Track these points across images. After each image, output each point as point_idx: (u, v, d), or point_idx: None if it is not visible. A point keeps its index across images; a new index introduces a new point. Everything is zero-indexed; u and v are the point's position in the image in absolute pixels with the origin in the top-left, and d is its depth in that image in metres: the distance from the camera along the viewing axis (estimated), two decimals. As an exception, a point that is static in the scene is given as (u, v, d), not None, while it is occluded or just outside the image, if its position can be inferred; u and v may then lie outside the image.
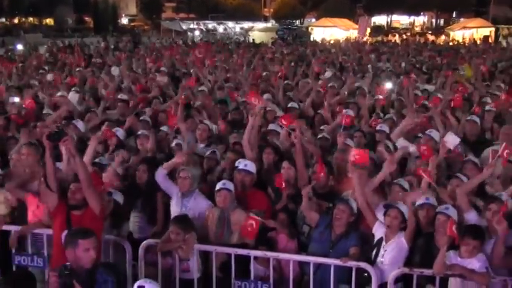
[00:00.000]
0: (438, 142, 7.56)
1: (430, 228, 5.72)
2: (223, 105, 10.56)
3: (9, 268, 6.27)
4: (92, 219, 5.48)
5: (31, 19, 68.92)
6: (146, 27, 67.18)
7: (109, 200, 6.21)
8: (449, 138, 7.02)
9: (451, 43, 38.72)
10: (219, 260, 6.04)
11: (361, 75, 15.33)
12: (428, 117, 9.09)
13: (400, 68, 17.92)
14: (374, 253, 5.79)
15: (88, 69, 16.63)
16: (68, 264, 4.54)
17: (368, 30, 50.73)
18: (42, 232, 6.17)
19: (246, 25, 59.36)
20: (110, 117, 9.76)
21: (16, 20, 67.05)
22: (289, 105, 10.27)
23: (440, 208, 5.68)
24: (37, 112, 9.99)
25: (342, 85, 13.07)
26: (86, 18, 69.04)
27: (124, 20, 73.98)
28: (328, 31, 49.28)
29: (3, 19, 65.09)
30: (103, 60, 20.52)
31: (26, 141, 7.17)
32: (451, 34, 48.49)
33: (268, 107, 9.80)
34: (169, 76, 14.36)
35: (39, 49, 28.50)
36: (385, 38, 47.06)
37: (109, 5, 65.22)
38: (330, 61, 19.74)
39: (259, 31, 49.98)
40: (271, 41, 37.98)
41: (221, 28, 60.67)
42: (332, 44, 34.98)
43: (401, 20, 71.90)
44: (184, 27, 58.90)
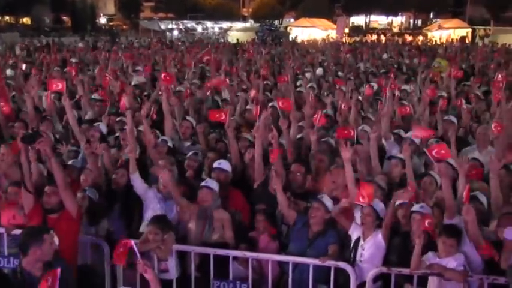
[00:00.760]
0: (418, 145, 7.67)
1: (408, 228, 5.75)
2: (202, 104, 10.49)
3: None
4: (69, 221, 5.44)
5: (7, 18, 68.00)
6: (124, 26, 66.72)
7: (83, 197, 6.15)
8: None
9: (429, 43, 39.13)
10: (198, 258, 6.02)
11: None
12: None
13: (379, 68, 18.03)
14: (352, 253, 5.81)
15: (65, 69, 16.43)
16: None
17: (346, 30, 51.04)
18: (18, 233, 6.08)
19: (225, 25, 59.29)
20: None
21: (-8, 19, 66.28)
22: (269, 105, 10.27)
23: (415, 207, 5.72)
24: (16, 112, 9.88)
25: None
26: (64, 17, 68.30)
27: (102, 20, 73.38)
28: (306, 31, 49.44)
29: (-21, 18, 64.33)
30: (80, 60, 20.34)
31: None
32: (429, 34, 49.00)
33: (248, 107, 9.85)
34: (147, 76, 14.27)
35: (15, 48, 28.13)
36: (364, 38, 47.40)
37: (87, 5, 64.62)
38: (309, 61, 19.79)
39: (238, 31, 49.95)
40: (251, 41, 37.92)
41: (200, 28, 60.54)
42: (310, 44, 35.09)
43: (379, 20, 72.44)
44: (163, 27, 58.68)
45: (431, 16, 69.34)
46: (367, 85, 12.18)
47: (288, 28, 49.58)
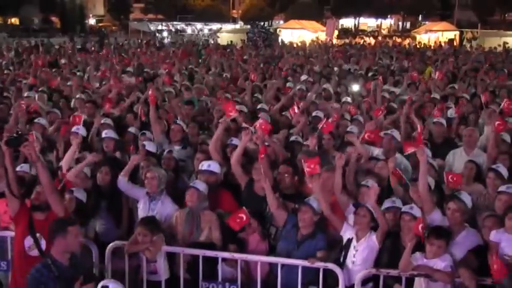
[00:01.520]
0: (400, 142, 7.71)
1: (397, 228, 5.80)
2: (190, 105, 10.51)
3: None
4: None
5: (-5, 18, 67.57)
6: (114, 27, 66.45)
7: (71, 198, 6.13)
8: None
9: (418, 46, 39.34)
10: (187, 260, 6.03)
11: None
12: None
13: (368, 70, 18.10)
14: (343, 254, 5.84)
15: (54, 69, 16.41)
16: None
17: (336, 32, 51.13)
18: (6, 235, 6.06)
19: (215, 26, 59.20)
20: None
21: (-20, 20, 65.71)
22: (258, 106, 10.31)
23: (405, 208, 5.76)
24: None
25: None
26: (53, 18, 67.87)
27: (91, 21, 73.04)
28: (296, 33, 49.51)
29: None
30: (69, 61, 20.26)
31: None
32: (417, 37, 49.27)
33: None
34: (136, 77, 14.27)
35: (3, 49, 27.94)
36: (353, 40, 47.56)
37: (76, 5, 64.28)
38: (299, 64, 19.82)
39: (227, 32, 49.90)
40: (240, 43, 37.89)
41: (189, 29, 60.39)
42: (300, 46, 35.14)
43: (368, 23, 72.67)
44: (152, 28, 58.43)
45: (419, 19, 69.71)
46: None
47: (278, 30, 49.59)
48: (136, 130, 8.64)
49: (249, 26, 41.61)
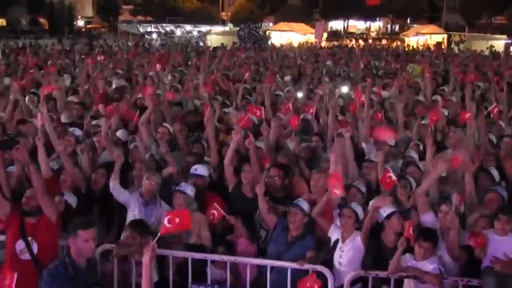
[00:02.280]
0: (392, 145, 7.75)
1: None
2: (178, 107, 10.49)
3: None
4: (48, 227, 5.36)
5: (-18, 20, 67.05)
6: (103, 29, 66.18)
7: (60, 201, 6.09)
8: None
9: (406, 48, 39.56)
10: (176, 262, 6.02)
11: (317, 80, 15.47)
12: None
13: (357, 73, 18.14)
14: (331, 255, 5.86)
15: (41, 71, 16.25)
16: None
17: (325, 35, 51.30)
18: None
19: (204, 28, 59.17)
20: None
21: (-34, 21, 65.17)
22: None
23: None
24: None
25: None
26: (41, 19, 67.43)
27: (80, 22, 72.70)
28: (285, 35, 49.64)
29: (-47, 19, 63.21)
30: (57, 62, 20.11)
31: None
32: (406, 40, 49.57)
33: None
34: (125, 79, 14.21)
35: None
36: (343, 42, 47.78)
37: (65, 7, 63.95)
38: (288, 65, 19.84)
39: (217, 35, 49.91)
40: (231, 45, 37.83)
41: (179, 31, 60.31)
42: (289, 49, 35.19)
43: (357, 25, 72.99)
44: (141, 30, 58.31)
45: (408, 21, 70.12)
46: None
47: (267, 32, 49.67)
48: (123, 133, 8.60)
49: (241, 25, 41.41)
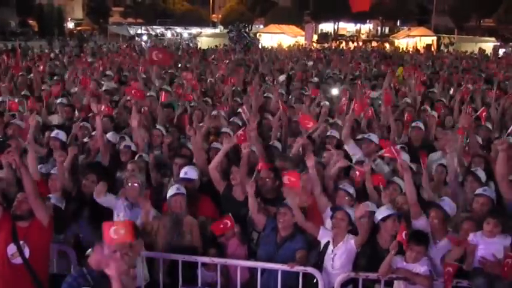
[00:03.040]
0: (378, 144, 7.76)
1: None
2: (169, 109, 10.47)
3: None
4: (40, 230, 5.33)
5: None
6: (93, 31, 65.97)
7: (48, 205, 6.06)
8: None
9: (396, 50, 39.79)
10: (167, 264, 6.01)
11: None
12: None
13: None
14: (322, 258, 5.85)
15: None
16: None
17: (315, 37, 51.43)
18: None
19: (194, 31, 59.18)
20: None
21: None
22: (238, 110, 10.31)
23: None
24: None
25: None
26: (30, 21, 67.09)
27: (70, 24, 72.40)
28: (276, 37, 49.76)
29: None
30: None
31: None
32: (396, 42, 49.85)
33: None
34: (115, 81, 14.18)
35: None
36: (334, 44, 47.96)
37: (54, 9, 63.70)
38: (279, 68, 19.87)
39: (207, 37, 49.93)
40: (222, 47, 37.84)
41: (169, 33, 60.27)
42: (279, 51, 35.27)
43: (347, 27, 73.25)
44: (131, 32, 58.24)
45: (398, 24, 70.49)
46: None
47: (258, 34, 49.75)
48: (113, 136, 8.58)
49: (229, 27, 41.40)
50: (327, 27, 70.34)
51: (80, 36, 48.83)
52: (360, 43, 53.90)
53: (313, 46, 44.34)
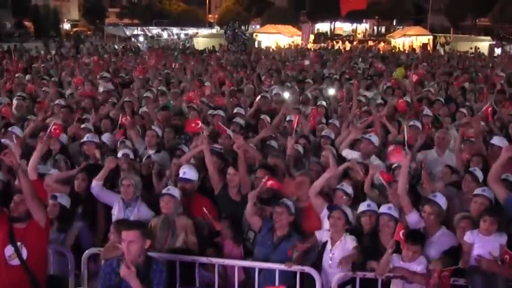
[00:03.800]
0: (377, 146, 7.78)
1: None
2: (166, 110, 10.47)
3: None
4: (37, 231, 5.32)
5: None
6: (89, 32, 65.88)
7: (54, 204, 6.08)
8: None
9: (392, 50, 39.84)
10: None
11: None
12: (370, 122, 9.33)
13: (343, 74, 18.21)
14: (320, 257, 5.86)
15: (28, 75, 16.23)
16: None
17: (312, 37, 51.45)
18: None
19: (191, 31, 59.15)
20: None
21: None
22: (235, 110, 10.33)
23: (382, 209, 5.85)
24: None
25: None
26: (26, 22, 66.93)
27: (66, 25, 72.25)
28: (272, 37, 49.74)
29: None
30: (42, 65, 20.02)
31: None
32: (392, 41, 49.90)
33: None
34: (112, 82, 14.18)
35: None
36: (330, 44, 47.99)
37: (50, 10, 63.56)
38: (275, 68, 19.87)
39: (203, 37, 49.89)
40: (219, 48, 37.79)
41: (165, 34, 60.24)
42: (275, 51, 35.26)
43: (344, 27, 73.33)
44: (128, 33, 58.18)
45: (394, 23, 70.60)
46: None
47: (254, 35, 49.75)
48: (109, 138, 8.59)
49: (224, 27, 41.35)
50: (324, 27, 70.36)
51: (76, 37, 48.67)
52: (356, 43, 53.97)
53: (308, 46, 44.35)
